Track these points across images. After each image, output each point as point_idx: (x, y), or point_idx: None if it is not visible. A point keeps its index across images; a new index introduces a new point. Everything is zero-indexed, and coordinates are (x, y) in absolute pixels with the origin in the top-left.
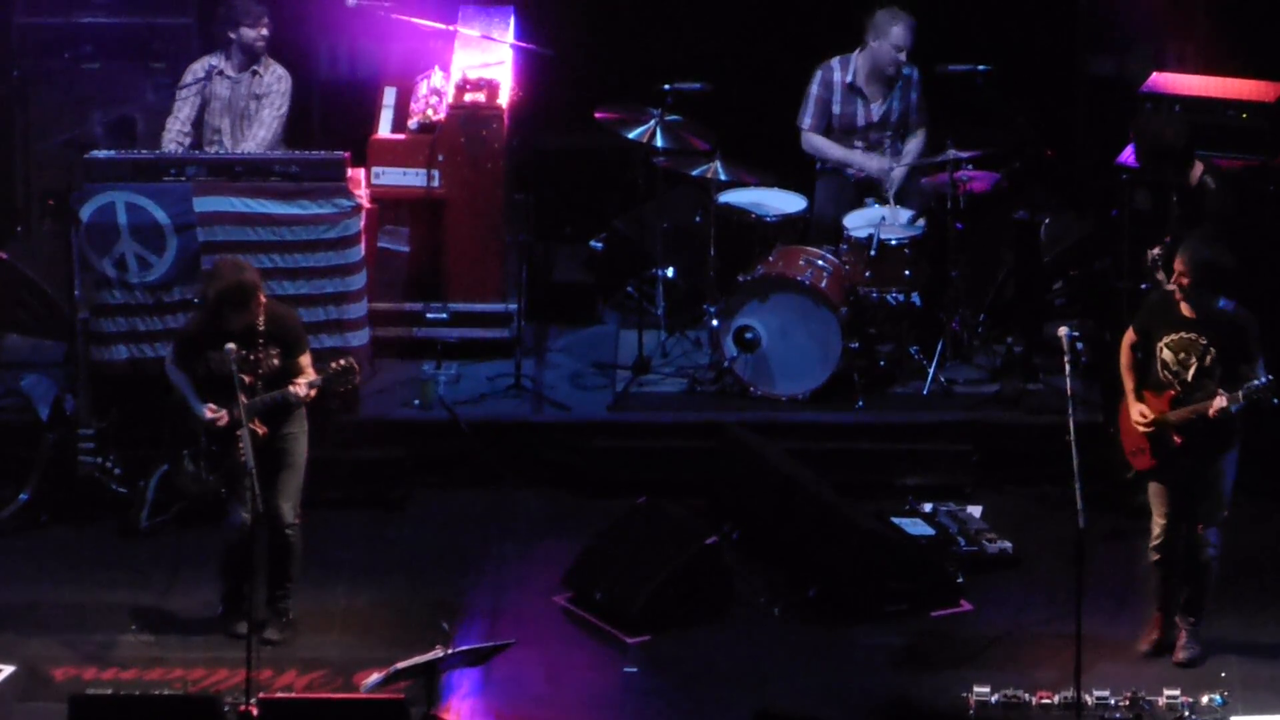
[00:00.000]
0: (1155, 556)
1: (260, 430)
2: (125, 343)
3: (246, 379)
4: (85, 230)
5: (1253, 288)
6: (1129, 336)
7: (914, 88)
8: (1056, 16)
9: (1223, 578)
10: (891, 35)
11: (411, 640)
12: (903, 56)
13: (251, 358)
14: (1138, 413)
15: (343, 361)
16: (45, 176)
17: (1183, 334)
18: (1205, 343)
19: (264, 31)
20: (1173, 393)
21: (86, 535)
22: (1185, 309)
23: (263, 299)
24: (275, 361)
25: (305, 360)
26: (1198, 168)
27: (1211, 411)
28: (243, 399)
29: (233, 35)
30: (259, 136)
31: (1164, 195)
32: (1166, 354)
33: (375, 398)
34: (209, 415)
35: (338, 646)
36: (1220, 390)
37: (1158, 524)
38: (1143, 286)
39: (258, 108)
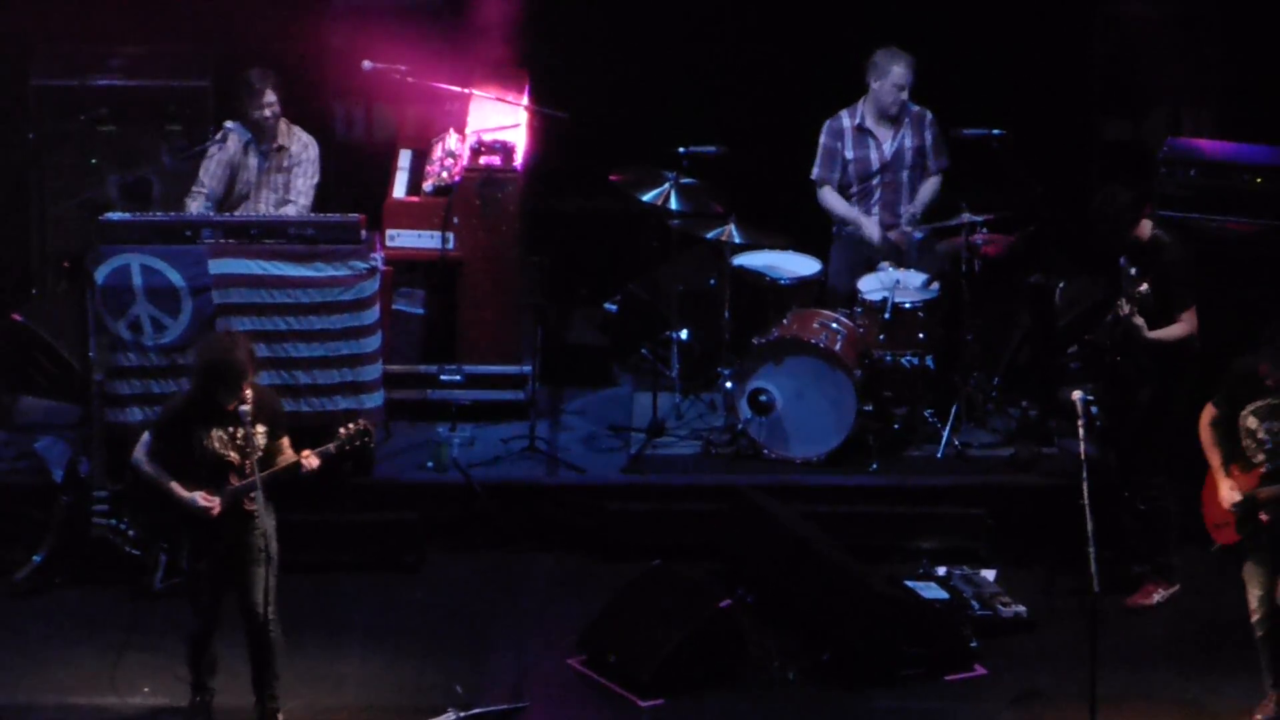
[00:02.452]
0: (1259, 632)
1: (251, 507)
2: (140, 405)
3: (235, 460)
4: (100, 292)
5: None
6: (1209, 412)
7: (929, 126)
8: (1072, 81)
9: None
10: (892, 74)
11: (425, 704)
12: (904, 95)
13: (240, 438)
14: (1226, 489)
15: (353, 425)
16: (61, 238)
17: (1270, 400)
18: None
19: (266, 113)
20: (1261, 469)
21: (100, 597)
22: (1265, 373)
23: (252, 377)
24: (262, 440)
25: (285, 441)
26: (1145, 225)
27: None
28: (241, 479)
29: (244, 114)
30: (299, 205)
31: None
32: (1251, 421)
33: (389, 460)
34: (203, 504)
35: (350, 708)
36: None
37: (1254, 597)
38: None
39: (285, 179)
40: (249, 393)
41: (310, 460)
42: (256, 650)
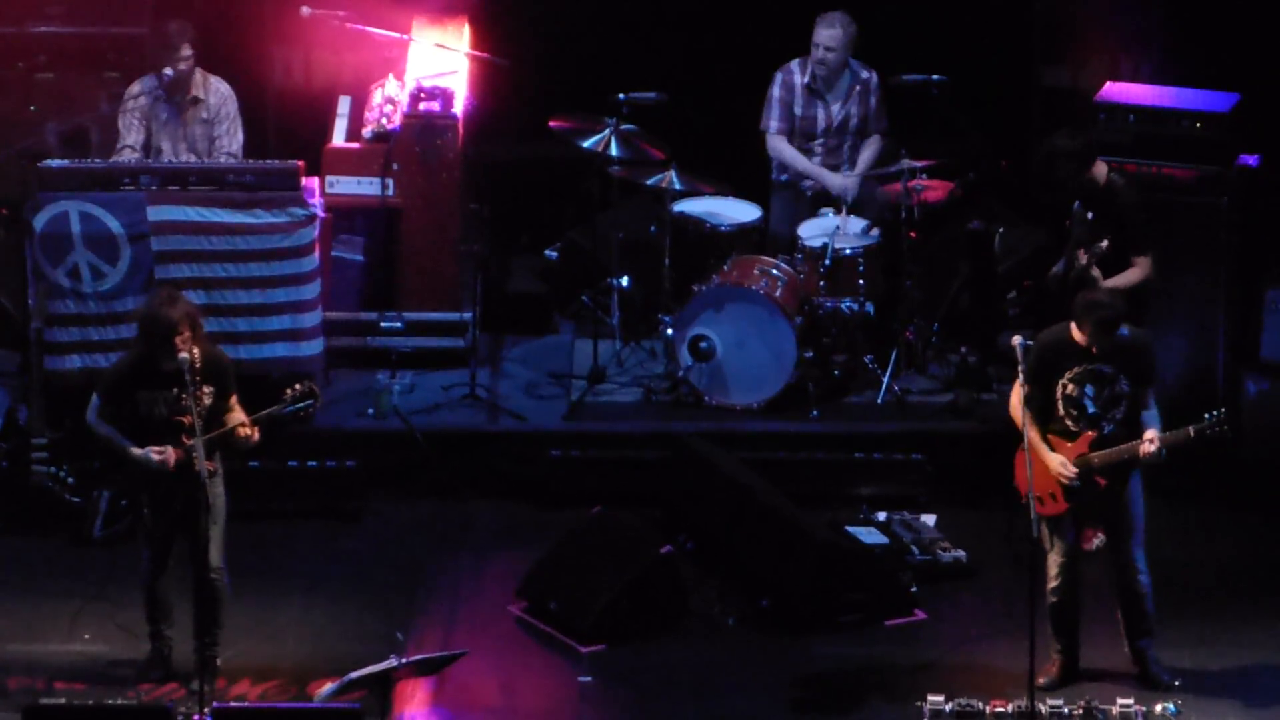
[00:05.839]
0: (1054, 599)
1: (211, 466)
2: (79, 352)
3: (185, 420)
4: (39, 239)
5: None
6: (1018, 390)
7: (872, 92)
8: (1012, 27)
9: (1180, 588)
10: (815, 36)
11: (366, 650)
12: (827, 55)
13: (187, 398)
14: (1058, 463)
15: (299, 386)
16: None
17: (1085, 365)
18: (1111, 370)
19: (182, 66)
20: (1091, 435)
21: (39, 545)
22: (1081, 338)
23: (188, 334)
24: (208, 401)
25: (233, 400)
26: (1100, 167)
27: (1143, 453)
28: (192, 439)
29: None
30: (232, 151)
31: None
32: (1072, 389)
33: (329, 408)
34: (157, 458)
35: (292, 656)
36: (1153, 433)
37: (1056, 564)
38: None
39: (205, 131)
40: (196, 351)
41: (253, 434)
42: (201, 599)
